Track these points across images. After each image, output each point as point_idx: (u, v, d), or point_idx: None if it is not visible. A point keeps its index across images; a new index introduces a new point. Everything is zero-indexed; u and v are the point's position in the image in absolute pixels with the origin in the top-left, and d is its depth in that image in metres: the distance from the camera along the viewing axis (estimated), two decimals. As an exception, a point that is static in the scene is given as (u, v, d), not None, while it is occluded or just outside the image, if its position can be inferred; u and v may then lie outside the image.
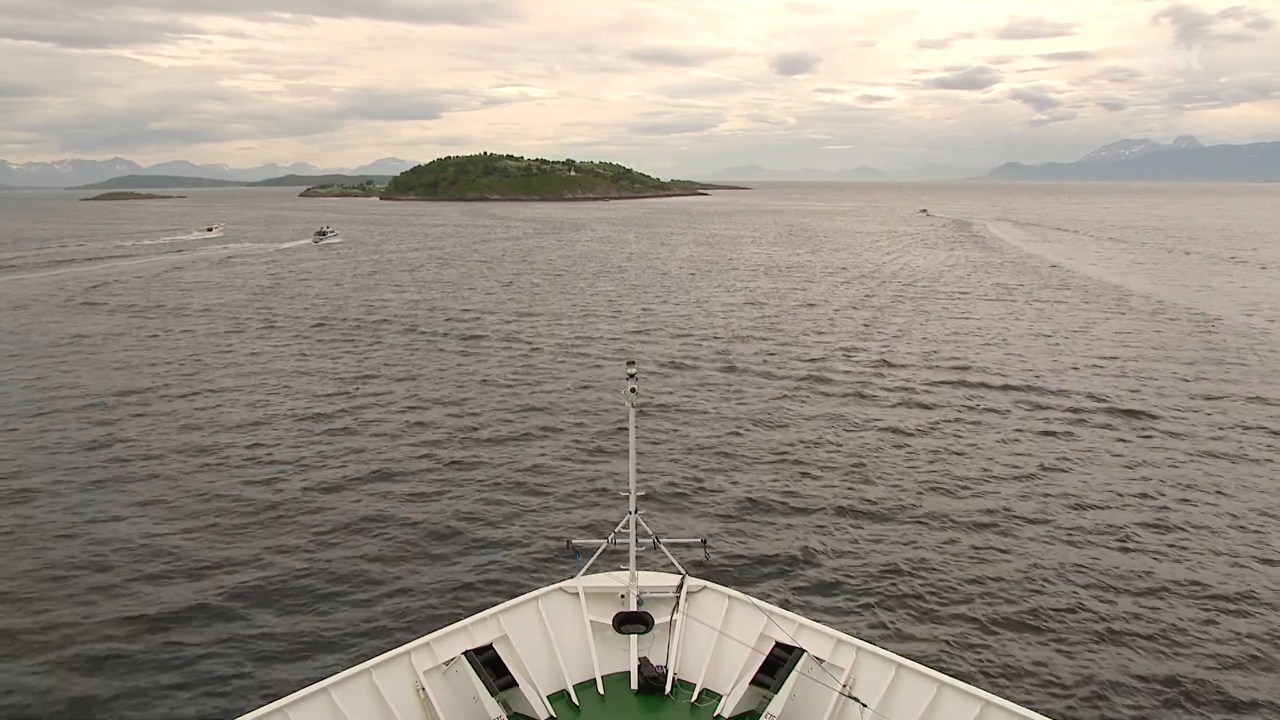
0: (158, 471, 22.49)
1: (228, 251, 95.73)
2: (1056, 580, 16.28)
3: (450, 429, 26.25)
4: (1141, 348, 37.46)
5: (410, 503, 20.38)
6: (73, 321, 46.73)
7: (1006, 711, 7.71)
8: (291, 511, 19.86)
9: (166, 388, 31.57)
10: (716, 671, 9.04)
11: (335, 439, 25.32)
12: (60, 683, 13.28)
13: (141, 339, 41.49)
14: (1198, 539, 18.03)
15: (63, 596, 15.89)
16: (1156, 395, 29.46)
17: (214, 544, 18.08)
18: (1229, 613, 15.12)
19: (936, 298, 53.45)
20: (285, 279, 67.30)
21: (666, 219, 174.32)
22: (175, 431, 26.07)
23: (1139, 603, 15.48)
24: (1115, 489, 20.83)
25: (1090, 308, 49.07)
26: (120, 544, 18.07)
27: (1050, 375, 32.49)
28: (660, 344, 39.20)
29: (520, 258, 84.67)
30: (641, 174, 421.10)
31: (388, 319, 46.85)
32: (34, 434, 25.79)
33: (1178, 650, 13.94)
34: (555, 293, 57.51)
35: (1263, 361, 34.63)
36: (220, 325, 45.17)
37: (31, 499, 20.56)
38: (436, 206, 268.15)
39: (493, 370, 34.20)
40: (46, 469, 22.67)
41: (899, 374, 32.95)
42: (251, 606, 15.51)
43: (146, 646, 14.21)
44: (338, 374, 33.73)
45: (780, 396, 29.79)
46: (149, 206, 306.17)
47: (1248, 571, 16.55)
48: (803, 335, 41.03)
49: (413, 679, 8.69)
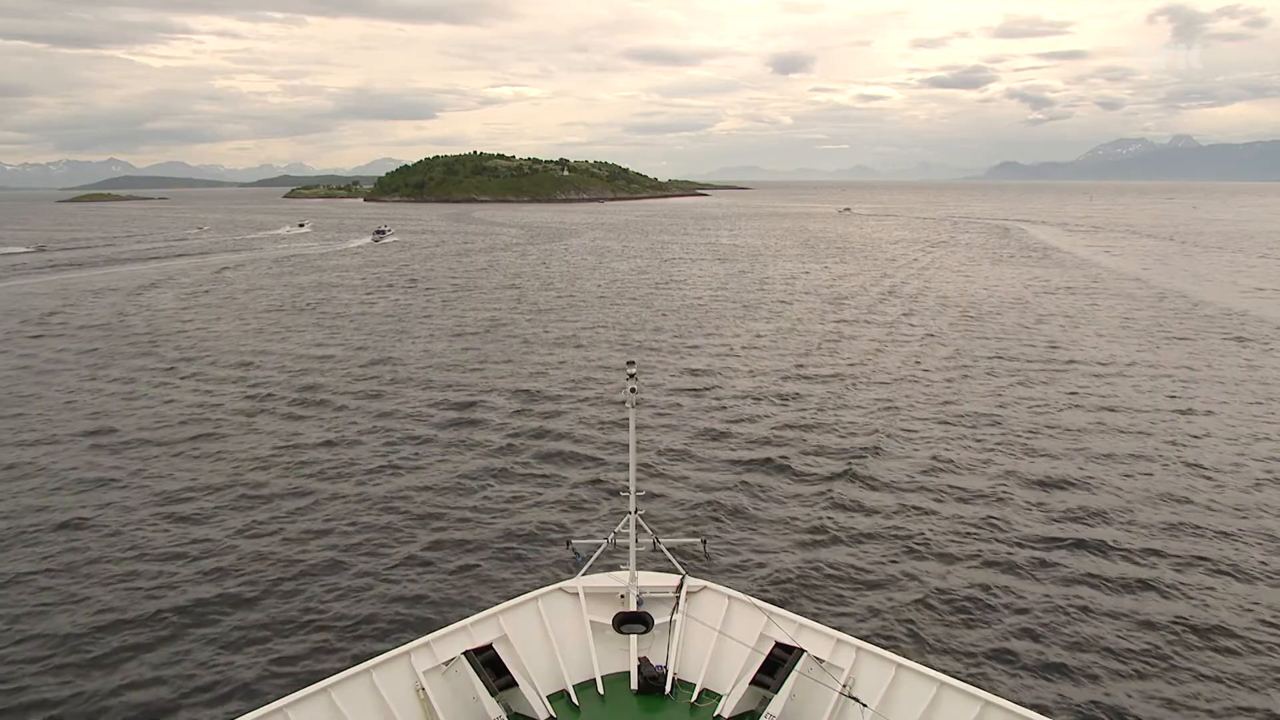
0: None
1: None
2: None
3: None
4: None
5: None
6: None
7: (1006, 711, 7.71)
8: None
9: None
10: (716, 671, 9.04)
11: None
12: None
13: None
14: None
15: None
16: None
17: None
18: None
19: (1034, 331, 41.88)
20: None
21: (665, 224, 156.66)
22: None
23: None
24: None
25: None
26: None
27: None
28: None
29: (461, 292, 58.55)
30: (638, 174, 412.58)
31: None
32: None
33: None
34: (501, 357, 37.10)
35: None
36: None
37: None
38: (419, 209, 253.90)
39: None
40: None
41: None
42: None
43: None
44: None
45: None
46: (127, 209, 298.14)
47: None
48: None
49: (413, 679, 8.68)
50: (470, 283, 64.80)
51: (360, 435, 25.68)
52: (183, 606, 15.46)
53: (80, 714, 12.63)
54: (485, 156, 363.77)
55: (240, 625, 14.85)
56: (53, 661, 13.82)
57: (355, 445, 24.72)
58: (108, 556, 17.52)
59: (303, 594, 15.95)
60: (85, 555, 17.59)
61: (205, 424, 26.89)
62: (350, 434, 25.79)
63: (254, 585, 16.26)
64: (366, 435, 25.67)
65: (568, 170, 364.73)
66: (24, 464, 23.20)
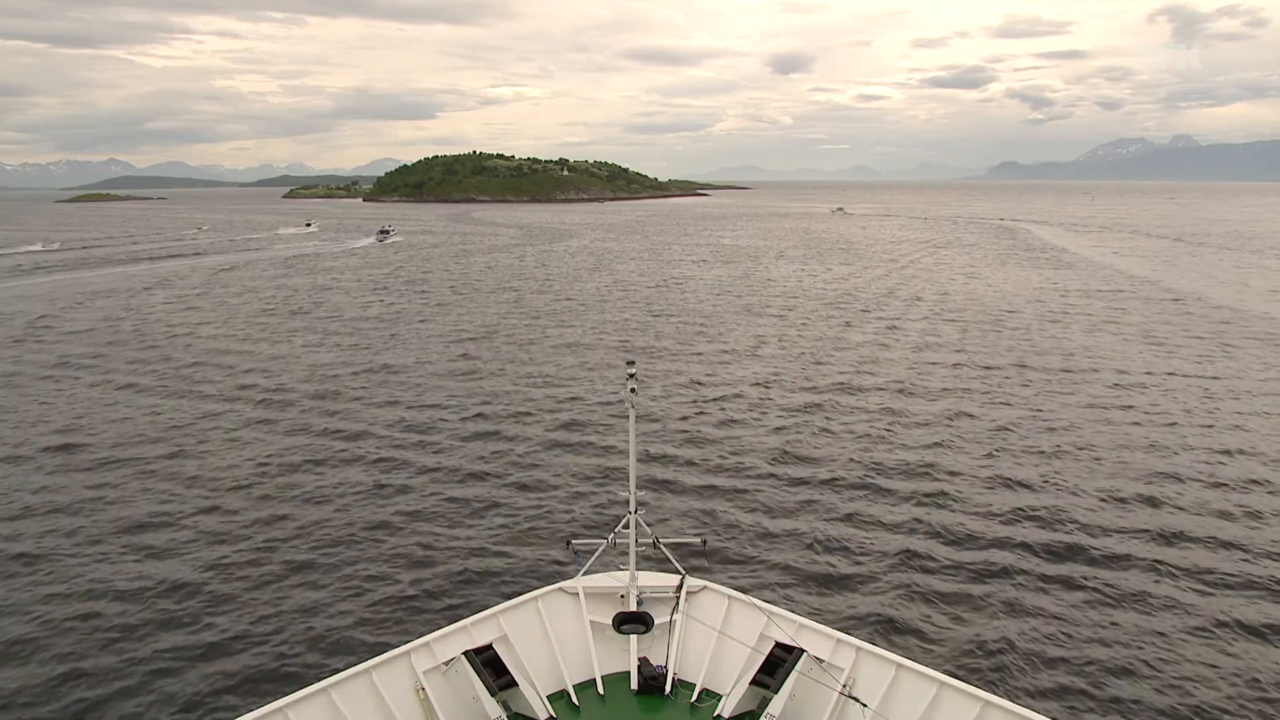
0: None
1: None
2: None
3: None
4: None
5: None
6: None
7: (1006, 711, 7.71)
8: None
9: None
10: (716, 671, 9.05)
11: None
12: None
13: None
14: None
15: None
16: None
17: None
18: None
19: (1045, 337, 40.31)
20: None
21: (666, 225, 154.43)
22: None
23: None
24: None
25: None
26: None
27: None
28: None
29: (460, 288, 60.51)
30: (638, 174, 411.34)
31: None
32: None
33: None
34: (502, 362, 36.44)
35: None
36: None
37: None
38: (418, 209, 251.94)
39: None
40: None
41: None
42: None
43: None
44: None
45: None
46: (125, 209, 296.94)
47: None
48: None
49: (413, 679, 8.68)
50: (469, 284, 64.90)
51: (360, 436, 25.69)
52: (182, 606, 15.47)
53: (80, 715, 12.64)
54: (485, 156, 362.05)
55: (240, 625, 14.85)
56: (52, 662, 13.83)
57: (355, 447, 24.73)
58: (107, 553, 17.54)
59: (303, 594, 15.95)
60: (78, 547, 17.60)
61: (213, 418, 26.95)
62: (350, 434, 25.81)
63: (253, 585, 16.28)
64: (367, 435, 25.68)
65: (567, 170, 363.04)
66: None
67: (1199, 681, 13.17)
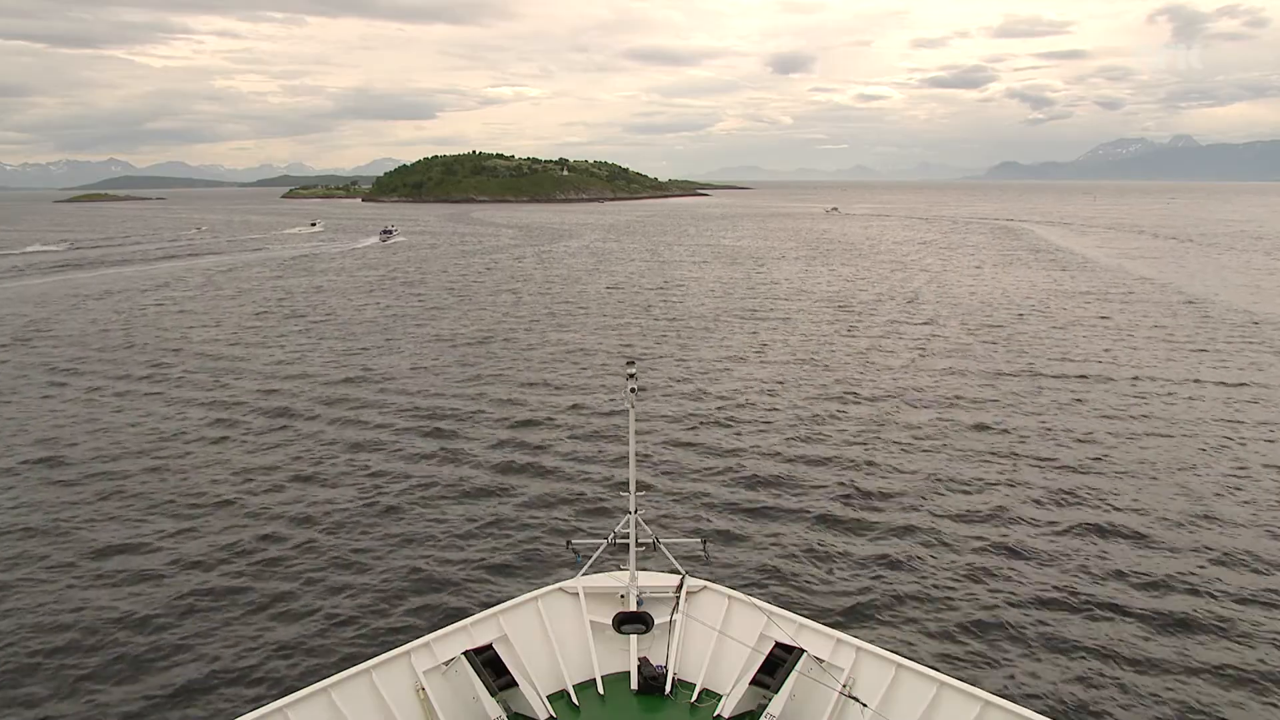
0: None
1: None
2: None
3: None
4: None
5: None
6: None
7: (1006, 711, 7.71)
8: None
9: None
10: (716, 671, 9.05)
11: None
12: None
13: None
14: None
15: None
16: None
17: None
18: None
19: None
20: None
21: (666, 225, 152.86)
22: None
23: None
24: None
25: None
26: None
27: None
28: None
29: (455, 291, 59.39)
30: (638, 174, 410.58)
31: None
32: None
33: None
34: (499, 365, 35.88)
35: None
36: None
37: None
38: (417, 209, 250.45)
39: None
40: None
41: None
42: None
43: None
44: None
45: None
46: (124, 209, 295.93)
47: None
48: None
49: (413, 679, 8.69)
50: (467, 286, 64.93)
51: (360, 435, 25.70)
52: (181, 606, 15.48)
53: (79, 715, 12.65)
54: (484, 156, 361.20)
55: (239, 625, 14.86)
56: (52, 661, 13.84)
57: (356, 444, 24.74)
58: (105, 552, 17.54)
59: (303, 594, 15.95)
60: (78, 549, 17.60)
61: (219, 413, 26.98)
62: (350, 435, 25.83)
63: (253, 585, 16.28)
64: (367, 435, 25.69)
65: (567, 170, 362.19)
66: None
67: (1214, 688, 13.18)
